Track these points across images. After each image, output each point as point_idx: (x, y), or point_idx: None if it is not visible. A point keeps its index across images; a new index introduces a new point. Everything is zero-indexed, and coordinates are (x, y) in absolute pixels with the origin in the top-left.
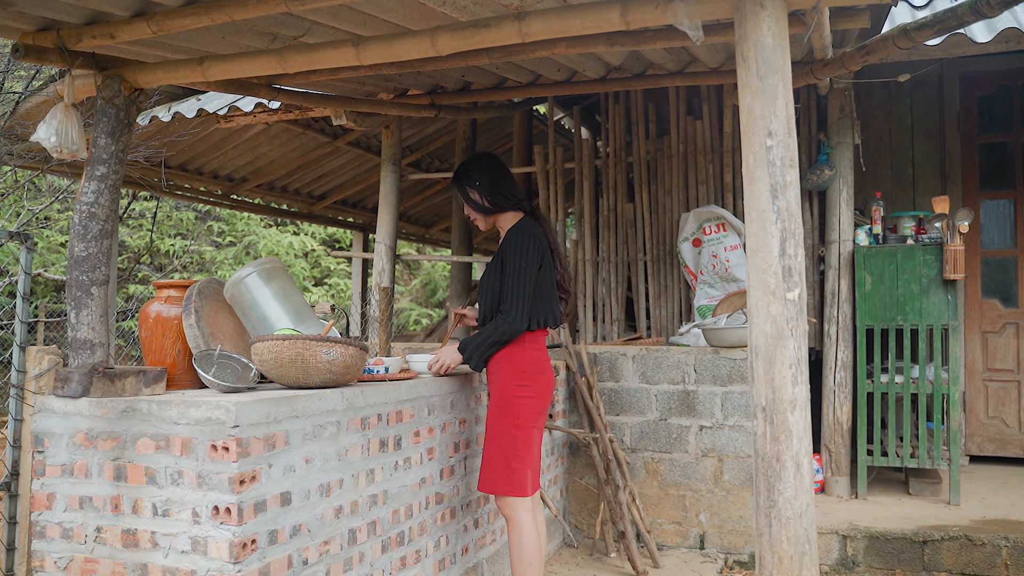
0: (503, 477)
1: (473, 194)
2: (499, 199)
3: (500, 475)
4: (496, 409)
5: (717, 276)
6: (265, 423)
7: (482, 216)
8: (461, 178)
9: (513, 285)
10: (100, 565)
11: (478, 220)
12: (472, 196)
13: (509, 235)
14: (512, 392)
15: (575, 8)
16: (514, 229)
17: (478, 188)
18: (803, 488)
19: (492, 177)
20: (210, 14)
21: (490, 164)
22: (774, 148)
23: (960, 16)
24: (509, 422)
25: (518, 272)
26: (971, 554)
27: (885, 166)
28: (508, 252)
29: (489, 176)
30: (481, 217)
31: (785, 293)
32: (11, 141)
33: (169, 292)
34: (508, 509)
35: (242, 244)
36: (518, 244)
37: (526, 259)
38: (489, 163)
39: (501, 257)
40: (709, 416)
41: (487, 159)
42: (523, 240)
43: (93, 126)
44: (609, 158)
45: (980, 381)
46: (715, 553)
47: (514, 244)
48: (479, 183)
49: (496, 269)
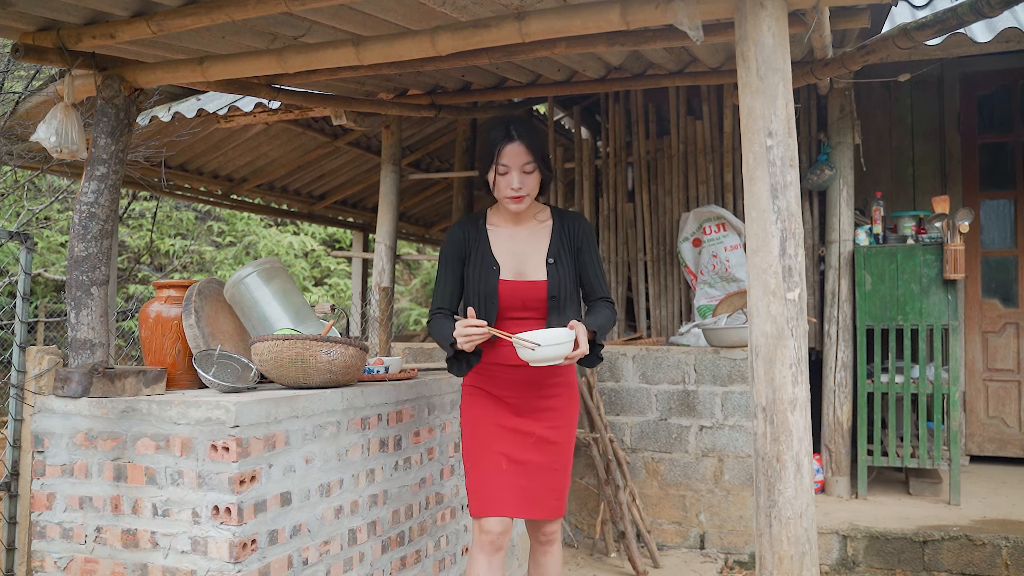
0: (565, 497)
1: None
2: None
3: (565, 495)
4: (570, 427)
5: (717, 276)
6: (265, 423)
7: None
8: (541, 139)
9: (603, 272)
10: (100, 565)
11: (527, 198)
12: (548, 164)
13: (572, 218)
14: (577, 410)
15: (575, 8)
16: (572, 213)
17: (547, 159)
18: (803, 488)
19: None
20: (210, 14)
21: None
22: (774, 148)
23: (960, 16)
24: (572, 441)
25: (600, 259)
26: (971, 554)
27: (885, 166)
28: (585, 235)
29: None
30: (536, 190)
31: (785, 293)
32: (11, 141)
33: (169, 292)
34: (560, 531)
35: (242, 244)
36: (590, 228)
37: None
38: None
39: (571, 240)
40: (709, 416)
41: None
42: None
43: (93, 126)
44: (609, 158)
45: (980, 381)
46: (715, 553)
47: (588, 227)
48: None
49: (561, 250)
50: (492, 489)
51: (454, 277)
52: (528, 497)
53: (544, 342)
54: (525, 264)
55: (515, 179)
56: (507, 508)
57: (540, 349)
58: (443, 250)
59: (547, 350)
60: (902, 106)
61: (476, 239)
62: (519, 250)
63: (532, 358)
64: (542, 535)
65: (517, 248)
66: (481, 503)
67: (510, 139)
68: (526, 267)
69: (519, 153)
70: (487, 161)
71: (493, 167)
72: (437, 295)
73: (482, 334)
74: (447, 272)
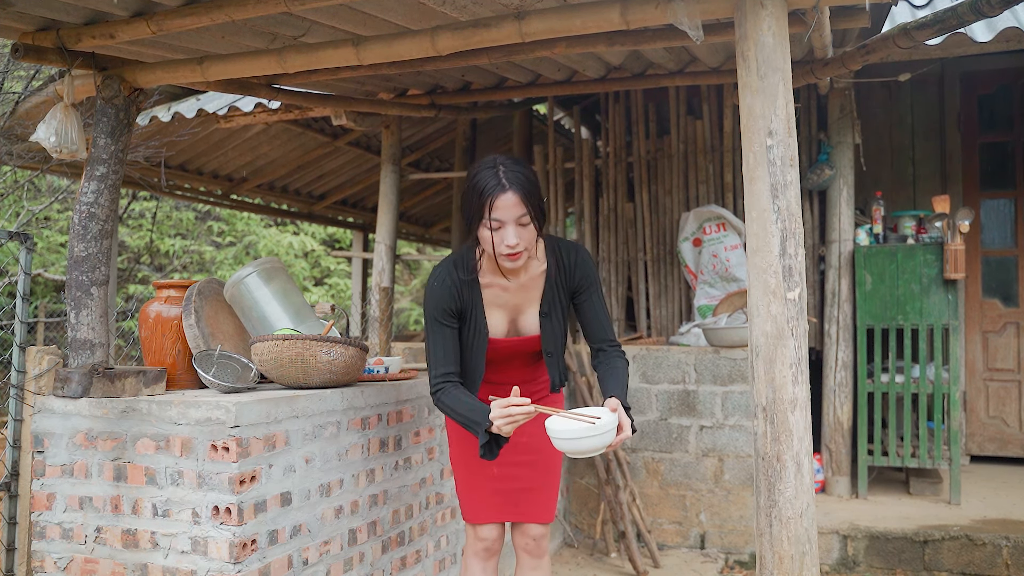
0: (555, 501)
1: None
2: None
3: (555, 499)
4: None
5: (717, 276)
6: (265, 423)
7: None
8: (534, 184)
9: (606, 314)
10: (100, 565)
11: (524, 253)
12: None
13: (569, 253)
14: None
15: (575, 8)
16: (569, 246)
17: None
18: (804, 488)
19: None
20: (210, 14)
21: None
22: (774, 148)
23: (960, 15)
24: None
25: (603, 299)
26: (972, 554)
27: (885, 166)
28: (583, 273)
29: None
30: (534, 242)
31: (785, 293)
32: (11, 141)
33: (169, 292)
34: (547, 541)
35: (242, 244)
36: (589, 261)
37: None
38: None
39: (567, 280)
40: (709, 416)
41: (527, 164)
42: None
43: (93, 126)
44: (609, 158)
45: (980, 381)
46: (715, 553)
47: (594, 270)
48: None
49: (556, 298)
50: (485, 494)
51: (452, 336)
52: (517, 500)
53: (586, 433)
54: (519, 317)
55: (511, 235)
56: (500, 513)
57: (582, 440)
58: (432, 309)
59: (589, 441)
60: (902, 106)
61: (469, 297)
62: (513, 301)
63: (573, 449)
64: (530, 540)
65: (511, 299)
66: (475, 509)
67: (502, 189)
68: (520, 322)
69: (513, 205)
70: (475, 214)
71: (484, 222)
72: (438, 360)
73: (527, 414)
74: (443, 332)
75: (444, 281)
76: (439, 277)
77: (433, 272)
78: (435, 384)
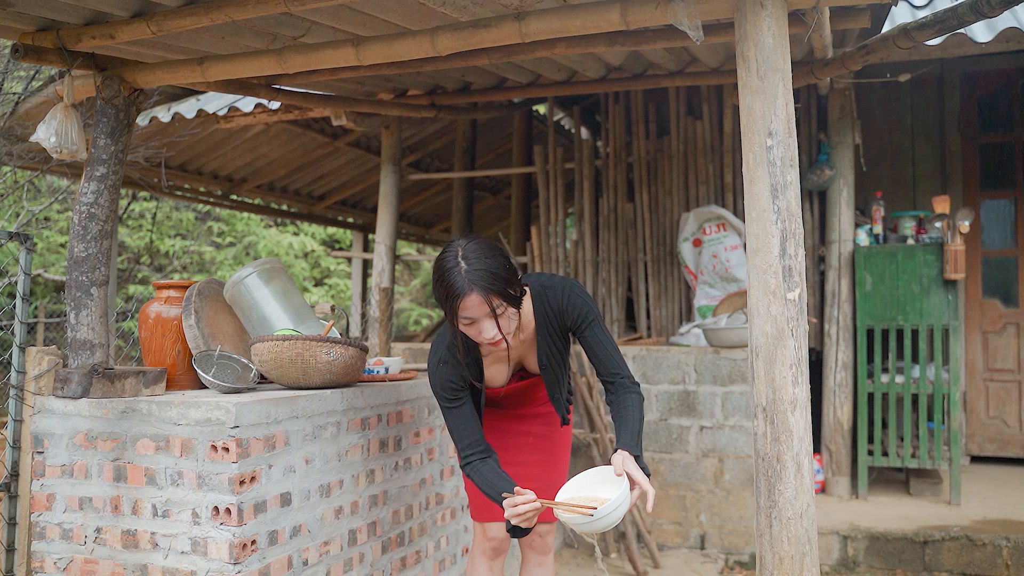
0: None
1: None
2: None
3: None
4: (565, 429)
5: (717, 276)
6: (265, 424)
7: (515, 321)
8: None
9: (612, 345)
10: (100, 566)
11: (510, 328)
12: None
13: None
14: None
15: (575, 8)
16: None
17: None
18: (804, 488)
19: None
20: (210, 14)
21: (498, 249)
22: (774, 148)
23: (960, 16)
24: (567, 442)
25: (605, 331)
26: (972, 554)
27: (885, 166)
28: (579, 310)
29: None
30: (515, 322)
31: (785, 293)
32: (11, 141)
33: (169, 293)
34: (553, 539)
35: (242, 244)
36: (590, 303)
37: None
38: (497, 249)
39: (559, 324)
40: (709, 416)
41: (492, 246)
42: (588, 297)
43: (93, 126)
44: (609, 158)
45: (981, 381)
46: (715, 553)
47: (588, 305)
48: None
49: (552, 347)
50: None
51: (467, 406)
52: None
53: (601, 512)
54: (522, 362)
55: (487, 328)
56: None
57: (598, 521)
58: (440, 390)
59: (602, 522)
60: (902, 106)
61: (471, 360)
62: (514, 355)
63: (592, 531)
64: (536, 537)
65: (512, 354)
66: (484, 507)
67: (467, 292)
68: (524, 365)
69: (480, 304)
70: (447, 311)
71: (456, 320)
72: (460, 435)
73: (537, 509)
74: (457, 409)
75: (448, 361)
76: (440, 356)
77: (432, 350)
78: (464, 458)
